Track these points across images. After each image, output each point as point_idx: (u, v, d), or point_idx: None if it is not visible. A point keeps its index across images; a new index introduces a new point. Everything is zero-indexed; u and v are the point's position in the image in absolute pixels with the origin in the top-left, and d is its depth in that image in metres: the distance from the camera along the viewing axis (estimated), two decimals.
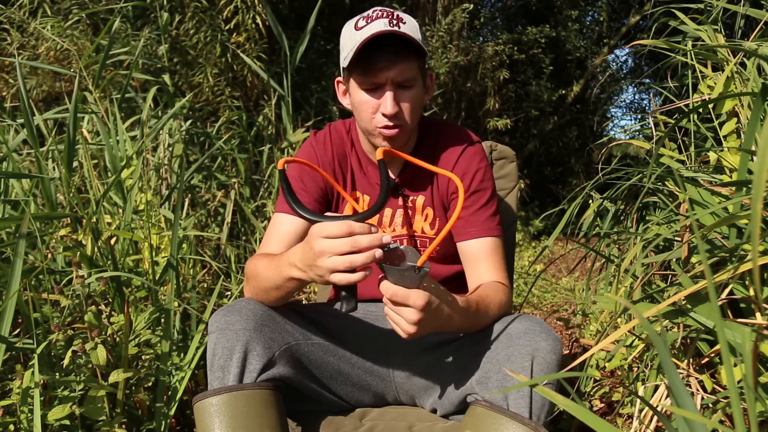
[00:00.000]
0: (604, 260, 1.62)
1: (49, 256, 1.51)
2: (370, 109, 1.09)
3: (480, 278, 1.12)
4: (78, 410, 1.18)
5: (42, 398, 1.18)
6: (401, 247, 0.87)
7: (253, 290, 1.06)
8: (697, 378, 1.07)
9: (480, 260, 1.13)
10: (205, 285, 2.08)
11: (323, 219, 0.85)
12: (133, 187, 1.78)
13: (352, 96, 1.13)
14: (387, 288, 0.84)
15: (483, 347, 1.03)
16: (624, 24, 6.89)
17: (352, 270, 0.83)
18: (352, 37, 1.06)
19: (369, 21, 1.04)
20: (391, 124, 1.08)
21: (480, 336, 1.07)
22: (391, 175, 1.20)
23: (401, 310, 0.85)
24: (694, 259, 1.12)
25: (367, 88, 1.08)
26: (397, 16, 1.05)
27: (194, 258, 1.94)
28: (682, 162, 1.37)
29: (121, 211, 1.87)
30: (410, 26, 1.06)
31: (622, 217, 1.62)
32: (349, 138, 1.22)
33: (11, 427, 1.17)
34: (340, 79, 1.19)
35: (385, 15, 1.05)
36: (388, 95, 1.06)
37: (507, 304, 1.09)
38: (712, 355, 1.10)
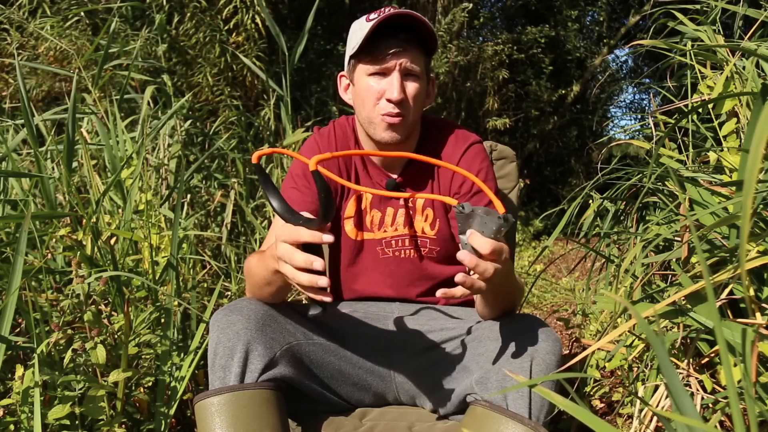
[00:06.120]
0: (604, 260, 1.62)
1: (49, 255, 1.51)
2: (375, 95, 1.09)
3: None
4: (78, 410, 1.18)
5: (42, 398, 1.18)
6: (474, 208, 0.82)
7: (250, 288, 1.07)
8: (696, 378, 1.08)
9: None
10: (205, 285, 2.08)
11: (290, 216, 0.84)
12: (133, 187, 1.78)
13: (357, 85, 1.13)
14: (485, 244, 0.80)
15: (483, 347, 1.03)
16: (624, 24, 6.89)
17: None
18: (362, 27, 1.08)
19: (381, 13, 1.05)
20: (395, 111, 1.08)
21: (480, 336, 1.07)
22: (393, 175, 1.20)
23: (488, 264, 0.81)
24: (694, 259, 1.12)
25: (374, 72, 1.09)
26: (413, 12, 1.06)
27: (194, 258, 1.94)
28: (682, 162, 1.37)
29: (121, 211, 1.87)
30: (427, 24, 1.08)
31: (622, 217, 1.62)
32: (353, 134, 1.22)
33: (11, 426, 1.17)
34: (343, 73, 1.19)
35: (402, 11, 1.05)
36: (396, 80, 1.07)
37: (520, 296, 1.09)
38: (712, 355, 1.10)
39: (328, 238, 0.80)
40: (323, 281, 0.80)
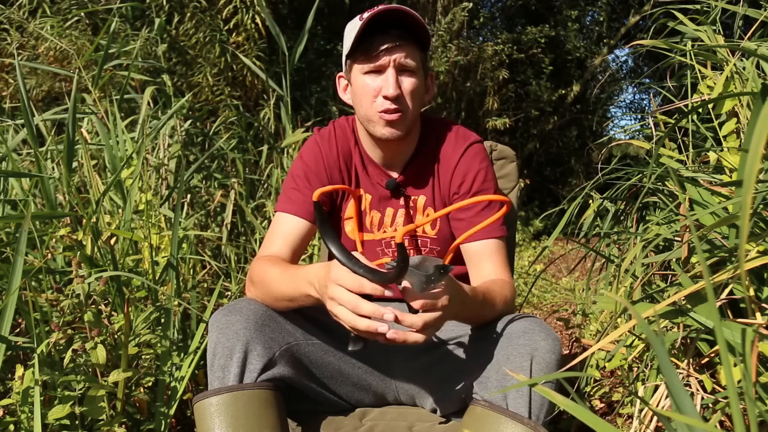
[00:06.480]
0: (604, 260, 1.62)
1: (49, 255, 1.51)
2: (372, 93, 1.09)
3: (484, 278, 1.12)
4: (78, 410, 1.18)
5: (42, 398, 1.18)
6: (411, 258, 0.84)
7: (261, 296, 1.05)
8: (696, 378, 1.08)
9: (483, 261, 1.13)
10: (205, 285, 2.08)
11: (350, 263, 0.83)
12: (133, 187, 1.78)
13: (353, 84, 1.13)
14: (416, 300, 0.82)
15: (482, 347, 1.03)
16: (624, 24, 6.90)
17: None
18: (355, 26, 1.08)
19: (373, 10, 1.05)
20: (392, 107, 1.08)
21: (479, 335, 1.07)
22: (393, 175, 1.20)
23: (426, 315, 0.83)
24: (694, 259, 1.12)
25: (369, 71, 1.08)
26: (404, 7, 1.06)
27: (194, 258, 1.94)
28: (682, 162, 1.37)
29: (121, 211, 1.87)
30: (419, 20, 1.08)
31: (622, 217, 1.62)
32: (353, 135, 1.21)
33: (11, 426, 1.17)
34: (341, 74, 1.19)
35: (392, 6, 1.05)
36: (391, 76, 1.07)
37: (511, 301, 1.09)
38: (712, 355, 1.10)
39: (389, 292, 0.81)
40: (383, 327, 0.81)
